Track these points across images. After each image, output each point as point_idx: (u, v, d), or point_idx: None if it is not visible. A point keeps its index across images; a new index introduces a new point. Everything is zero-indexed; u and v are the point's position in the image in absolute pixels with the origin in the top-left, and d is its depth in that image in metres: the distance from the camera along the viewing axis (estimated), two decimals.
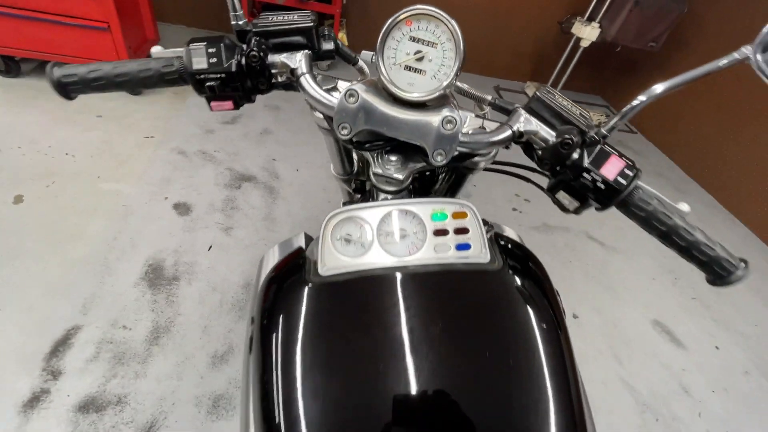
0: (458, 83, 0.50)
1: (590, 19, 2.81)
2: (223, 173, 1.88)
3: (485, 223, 0.46)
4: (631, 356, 1.56)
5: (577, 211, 0.46)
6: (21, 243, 1.37)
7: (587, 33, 2.78)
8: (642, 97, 0.40)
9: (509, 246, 0.47)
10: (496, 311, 0.40)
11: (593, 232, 2.16)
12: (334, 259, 0.40)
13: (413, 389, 0.33)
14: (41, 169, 1.65)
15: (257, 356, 0.37)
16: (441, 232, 0.42)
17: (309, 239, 0.50)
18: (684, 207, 0.44)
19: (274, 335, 0.36)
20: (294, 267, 0.41)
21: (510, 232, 0.55)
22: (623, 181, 0.41)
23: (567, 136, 0.42)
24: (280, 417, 0.33)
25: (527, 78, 3.68)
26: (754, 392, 1.56)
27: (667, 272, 2.03)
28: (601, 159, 0.42)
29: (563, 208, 0.47)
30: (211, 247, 1.53)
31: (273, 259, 0.48)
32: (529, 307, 0.41)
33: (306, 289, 0.38)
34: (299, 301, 0.38)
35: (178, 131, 2.05)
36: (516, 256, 0.46)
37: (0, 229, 1.39)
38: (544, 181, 0.50)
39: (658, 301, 1.85)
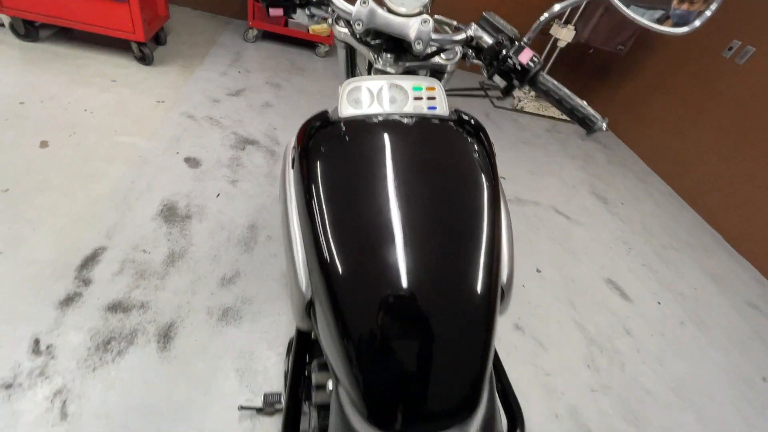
0: (436, 16, 0.71)
1: (567, 22, 3.09)
2: (229, 136, 2.06)
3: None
4: (583, 304, 1.80)
5: (506, 91, 0.68)
6: (49, 180, 1.53)
7: (564, 34, 3.05)
8: (546, 14, 0.62)
9: (466, 117, 0.68)
10: (449, 145, 0.60)
11: (560, 207, 2.41)
12: (348, 110, 0.60)
13: (397, 184, 0.53)
14: (63, 121, 1.80)
15: (299, 168, 0.57)
16: (418, 98, 0.62)
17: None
18: (567, 91, 0.65)
19: (310, 153, 0.56)
20: (321, 116, 0.61)
21: (470, 115, 0.76)
22: (531, 65, 0.62)
23: (501, 39, 0.63)
24: (315, 203, 0.52)
25: None
26: (686, 338, 1.81)
27: (622, 243, 2.29)
28: (519, 52, 0.63)
29: (499, 89, 0.69)
30: (219, 194, 1.71)
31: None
32: (471, 144, 0.61)
33: (330, 124, 0.58)
34: (326, 132, 0.57)
35: (187, 99, 2.22)
36: (468, 121, 0.66)
37: (29, 167, 1.55)
38: (487, 103, 0.72)
39: (612, 264, 2.10)
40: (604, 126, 0.64)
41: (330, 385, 0.54)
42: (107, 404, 1.02)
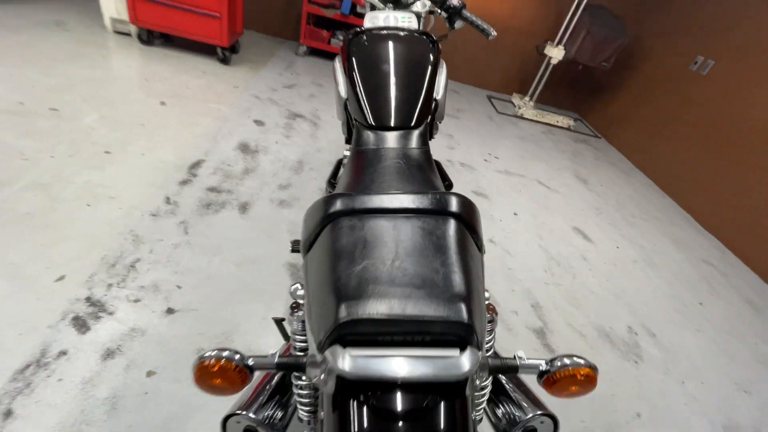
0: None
1: (558, 43, 3.74)
2: (284, 111, 2.76)
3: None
4: (549, 237, 2.27)
5: (450, 23, 1.28)
6: (166, 123, 2.23)
7: (555, 53, 3.69)
8: None
9: (426, 35, 1.27)
10: (416, 42, 1.19)
11: (543, 180, 2.92)
12: (369, 25, 1.22)
13: (391, 56, 1.12)
14: (173, 92, 2.56)
15: (346, 55, 1.17)
16: (403, 22, 1.24)
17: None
18: (487, 27, 1.25)
19: (351, 45, 1.16)
20: (356, 30, 1.22)
21: (428, 33, 1.34)
22: (458, 4, 1.23)
23: (451, 2, 1.25)
24: (355, 68, 1.11)
25: (514, 90, 4.60)
26: (636, 271, 2.23)
27: (594, 209, 2.75)
28: (459, 10, 1.24)
29: (449, 30, 1.30)
30: (277, 142, 2.37)
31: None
32: (426, 43, 1.20)
33: (362, 32, 1.19)
34: (359, 36, 1.18)
35: (254, 87, 2.98)
36: (428, 33, 1.25)
37: (155, 115, 2.27)
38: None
39: (582, 220, 2.57)
40: (494, 33, 1.24)
41: None
42: (209, 232, 1.62)
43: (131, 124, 2.13)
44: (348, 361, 0.46)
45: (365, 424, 0.47)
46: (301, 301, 0.74)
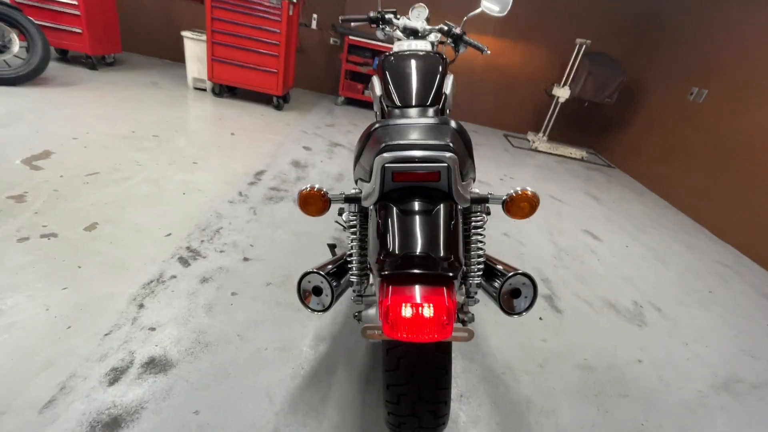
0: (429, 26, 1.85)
1: (564, 84, 4.24)
2: (326, 141, 3.32)
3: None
4: (560, 235, 2.53)
5: (456, 48, 1.75)
6: (236, 147, 2.81)
7: (561, 92, 4.17)
8: (465, 18, 1.72)
9: (439, 54, 1.73)
10: (431, 59, 1.65)
11: (555, 195, 3.22)
12: (396, 49, 1.70)
13: (413, 69, 1.58)
14: (239, 127, 3.19)
15: (383, 68, 1.64)
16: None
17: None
18: (482, 46, 1.72)
19: (384, 63, 1.64)
20: (387, 54, 1.71)
21: (440, 53, 1.80)
22: (459, 32, 1.70)
23: (451, 27, 1.73)
24: (388, 78, 1.58)
25: (529, 130, 5.06)
26: (643, 263, 2.42)
27: (604, 217, 2.99)
28: (456, 29, 1.72)
29: (455, 55, 1.77)
30: (321, 161, 2.87)
31: None
32: (438, 58, 1.65)
33: (391, 54, 1.67)
34: (390, 55, 1.66)
35: (302, 125, 3.60)
36: (440, 53, 1.71)
37: (226, 142, 2.86)
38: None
39: (591, 224, 2.81)
40: (488, 51, 1.69)
41: None
42: (272, 215, 2.05)
43: (210, 146, 2.71)
44: (386, 157, 0.82)
45: (395, 219, 0.82)
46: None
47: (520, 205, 0.88)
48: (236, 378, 1.17)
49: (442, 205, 0.84)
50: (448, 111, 1.65)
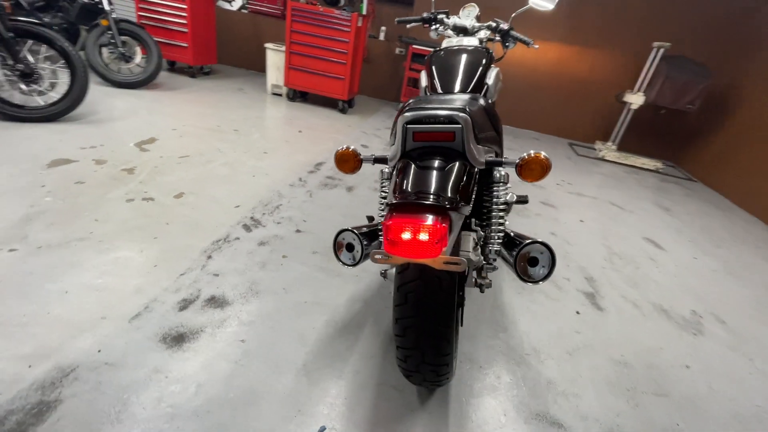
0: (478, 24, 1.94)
1: (638, 90, 3.98)
2: (383, 141, 3.52)
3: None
4: (615, 240, 2.40)
5: (504, 44, 1.81)
6: (302, 142, 3.12)
7: (634, 99, 3.93)
8: (513, 15, 1.78)
9: (486, 48, 1.81)
10: (477, 52, 1.73)
11: (617, 202, 3.04)
12: (446, 45, 1.82)
13: (459, 60, 1.68)
14: (306, 126, 3.53)
15: (429, 61, 1.77)
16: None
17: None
18: (529, 39, 1.77)
19: (432, 58, 1.77)
20: (437, 48, 1.85)
21: (487, 47, 1.87)
22: (506, 27, 1.76)
23: (499, 23, 1.81)
24: (433, 70, 1.71)
25: (597, 139, 4.79)
26: (712, 276, 2.19)
27: (672, 228, 2.75)
28: (503, 25, 1.78)
29: (504, 50, 1.84)
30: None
31: None
32: (484, 52, 1.74)
33: (442, 49, 1.80)
34: (438, 51, 1.78)
35: (363, 127, 3.85)
36: (487, 48, 1.79)
37: (296, 137, 3.19)
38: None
39: (655, 234, 2.61)
40: (536, 46, 1.73)
41: None
42: (326, 198, 2.26)
43: (280, 140, 3.05)
44: (407, 116, 0.95)
45: (411, 170, 0.93)
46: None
47: (532, 167, 0.95)
48: (277, 321, 1.35)
49: (456, 163, 0.94)
50: (490, 101, 1.72)
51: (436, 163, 0.94)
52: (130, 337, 1.18)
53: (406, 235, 0.75)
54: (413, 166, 0.93)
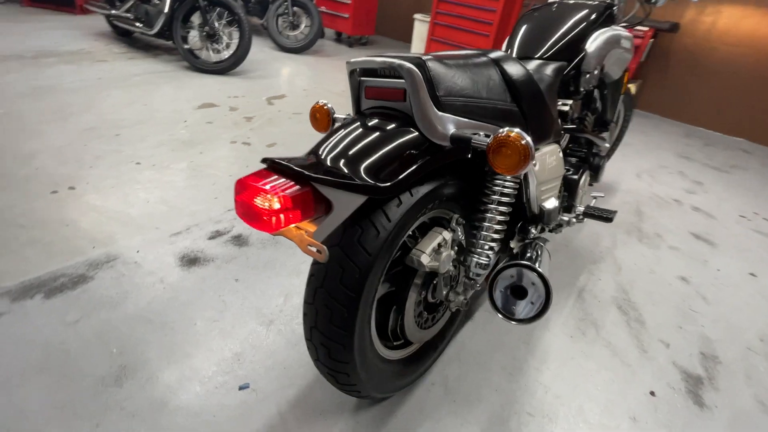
0: None
1: None
2: None
3: None
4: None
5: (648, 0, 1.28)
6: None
7: None
8: None
9: None
10: (583, 8, 1.28)
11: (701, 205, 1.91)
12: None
13: None
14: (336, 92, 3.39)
15: (516, 25, 1.42)
16: None
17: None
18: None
19: (521, 18, 1.41)
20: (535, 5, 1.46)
21: None
22: None
23: None
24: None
25: None
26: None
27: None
28: None
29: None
30: None
31: None
32: (598, 7, 1.27)
33: (536, 7, 1.42)
34: (534, 8, 1.42)
35: None
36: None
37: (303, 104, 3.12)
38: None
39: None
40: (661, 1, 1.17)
41: None
42: None
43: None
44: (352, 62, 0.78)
45: (340, 133, 0.75)
46: None
47: (506, 153, 0.65)
48: (277, 273, 1.38)
49: (396, 129, 0.72)
50: (587, 75, 1.28)
51: (375, 125, 0.74)
52: (163, 249, 1.41)
53: (241, 196, 0.61)
54: (342, 128, 0.76)
